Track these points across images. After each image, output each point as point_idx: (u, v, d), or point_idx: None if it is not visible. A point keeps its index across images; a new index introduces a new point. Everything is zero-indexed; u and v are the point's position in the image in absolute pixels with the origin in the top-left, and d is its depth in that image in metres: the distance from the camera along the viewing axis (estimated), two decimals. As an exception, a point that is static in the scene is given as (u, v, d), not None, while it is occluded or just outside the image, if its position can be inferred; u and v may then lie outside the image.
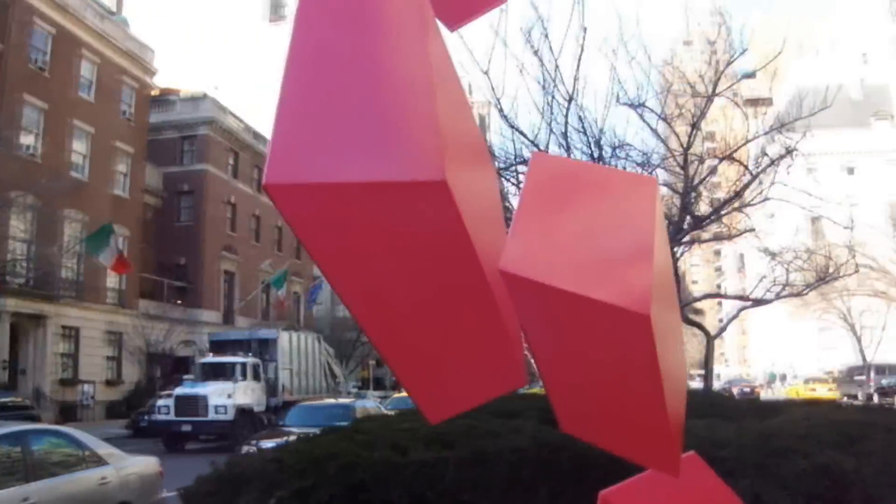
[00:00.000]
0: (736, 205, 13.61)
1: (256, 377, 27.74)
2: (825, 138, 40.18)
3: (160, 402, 25.72)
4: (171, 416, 24.56)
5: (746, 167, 13.35)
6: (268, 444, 13.02)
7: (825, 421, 7.17)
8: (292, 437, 13.59)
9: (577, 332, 2.45)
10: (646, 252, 2.36)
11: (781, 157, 12.79)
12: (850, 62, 76.55)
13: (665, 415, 2.79)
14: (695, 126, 12.12)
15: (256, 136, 55.16)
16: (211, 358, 28.76)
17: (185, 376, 28.46)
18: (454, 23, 2.86)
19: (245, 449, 13.17)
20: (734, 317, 21.22)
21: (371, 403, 20.97)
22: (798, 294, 15.34)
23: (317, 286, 63.71)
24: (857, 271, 15.92)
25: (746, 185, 13.11)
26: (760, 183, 13.54)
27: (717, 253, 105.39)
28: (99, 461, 8.93)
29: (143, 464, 10.11)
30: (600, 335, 2.42)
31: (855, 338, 60.81)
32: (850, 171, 69.09)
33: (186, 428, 24.44)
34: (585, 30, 11.13)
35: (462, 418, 9.40)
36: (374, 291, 1.84)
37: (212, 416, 24.29)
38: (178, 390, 25.77)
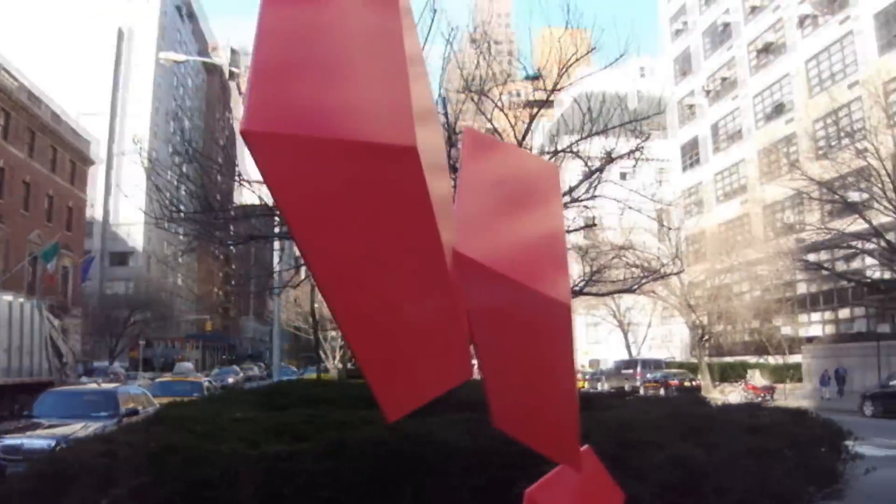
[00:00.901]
0: None
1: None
2: (603, 145, 42.15)
3: None
4: None
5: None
6: (18, 441, 11.65)
7: (670, 413, 7.33)
8: (52, 431, 12.04)
9: (514, 316, 2.58)
10: (562, 255, 2.79)
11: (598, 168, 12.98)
12: (630, 74, 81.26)
13: (576, 407, 3.02)
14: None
15: (33, 97, 51.07)
16: None
17: None
18: None
19: None
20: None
21: (136, 390, 18.01)
22: (627, 290, 15.83)
23: (88, 260, 60.10)
24: (682, 271, 16.66)
25: None
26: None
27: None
28: None
29: None
30: (531, 322, 2.60)
31: (623, 334, 64.95)
32: (623, 176, 73.29)
33: None
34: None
35: (298, 406, 8.98)
36: (337, 255, 1.82)
37: None
38: None
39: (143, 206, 23.87)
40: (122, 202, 77.56)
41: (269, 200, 9.79)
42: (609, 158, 12.14)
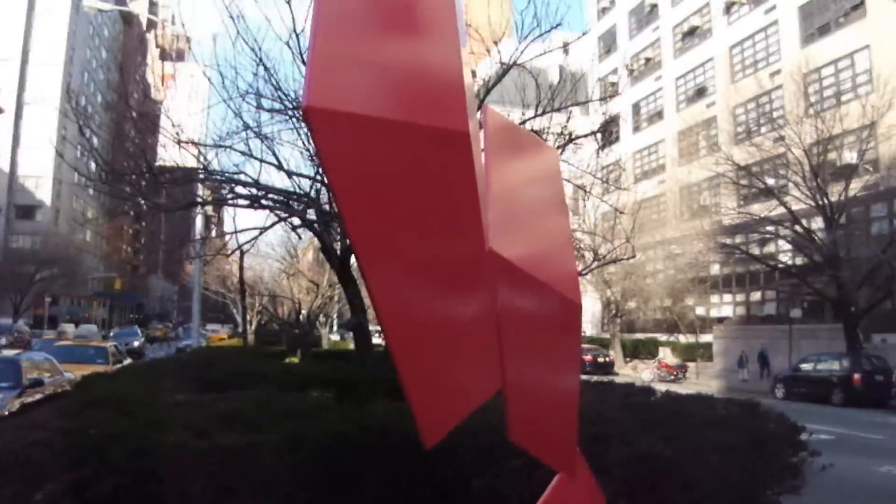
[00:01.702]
0: None
1: None
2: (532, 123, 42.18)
3: None
4: None
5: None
6: None
7: (628, 405, 7.20)
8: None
9: (536, 317, 2.67)
10: (572, 253, 3.15)
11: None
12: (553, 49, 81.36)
13: (576, 411, 3.14)
14: None
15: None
16: None
17: None
18: None
19: None
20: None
21: (39, 356, 16.08)
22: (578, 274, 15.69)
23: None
24: (634, 256, 16.62)
25: None
26: None
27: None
28: None
29: None
30: (549, 323, 2.74)
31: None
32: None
33: None
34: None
35: (232, 383, 8.56)
36: (385, 242, 1.78)
37: None
38: None
39: (53, 160, 22.84)
40: (31, 153, 74.55)
41: (212, 165, 9.30)
42: (569, 138, 11.94)
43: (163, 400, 6.29)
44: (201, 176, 9.44)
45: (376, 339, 22.44)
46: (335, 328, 50.08)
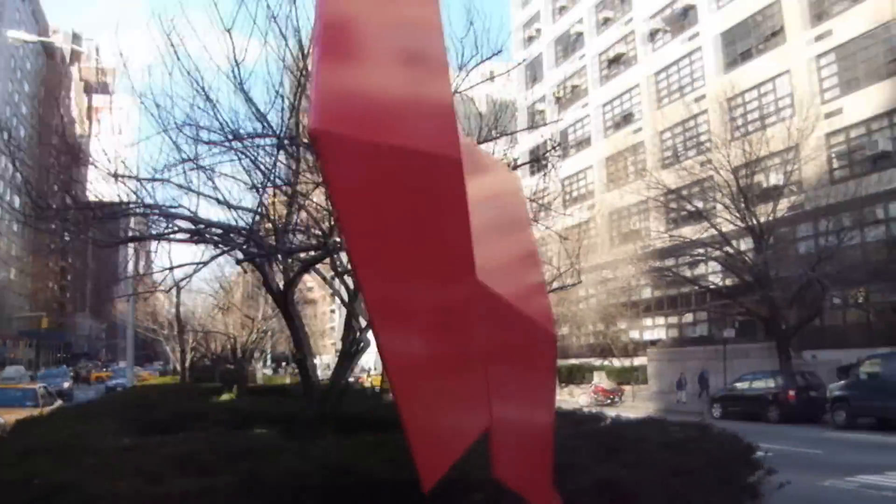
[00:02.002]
0: None
1: None
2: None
3: None
4: None
5: None
6: None
7: (584, 432, 7.12)
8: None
9: (514, 347, 2.73)
10: (542, 278, 3.54)
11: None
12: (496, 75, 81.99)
13: (552, 444, 3.34)
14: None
15: None
16: None
17: None
18: None
19: None
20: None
21: None
22: None
23: None
24: (580, 282, 16.60)
25: None
26: None
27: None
28: None
29: None
30: (527, 353, 2.87)
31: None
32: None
33: None
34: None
35: (174, 423, 8.25)
36: (386, 265, 1.78)
37: None
38: None
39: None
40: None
41: (147, 199, 9.01)
42: (514, 165, 11.95)
43: (109, 444, 5.99)
44: (138, 210, 9.14)
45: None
46: (269, 362, 49.33)
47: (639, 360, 49.32)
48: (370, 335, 10.97)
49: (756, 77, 40.93)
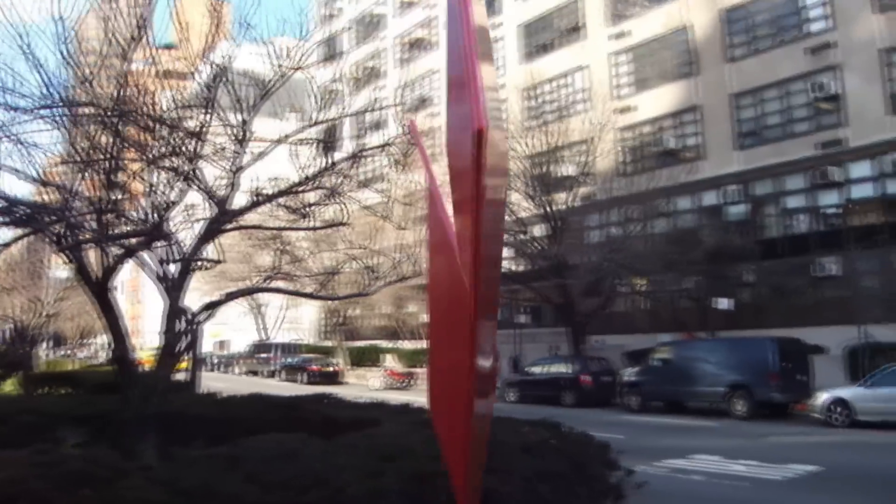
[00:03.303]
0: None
1: None
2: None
3: None
4: None
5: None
6: None
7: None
8: None
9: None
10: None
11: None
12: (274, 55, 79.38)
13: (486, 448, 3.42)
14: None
15: None
16: None
17: None
18: None
19: None
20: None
21: None
22: (362, 294, 14.66)
23: None
24: (420, 274, 15.68)
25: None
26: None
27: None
28: None
29: None
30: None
31: (255, 316, 63.30)
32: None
33: None
34: None
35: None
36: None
37: None
38: None
39: None
40: None
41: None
42: (360, 153, 11.84)
43: None
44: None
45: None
46: (50, 344, 45.14)
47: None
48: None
49: (554, 69, 41.87)
